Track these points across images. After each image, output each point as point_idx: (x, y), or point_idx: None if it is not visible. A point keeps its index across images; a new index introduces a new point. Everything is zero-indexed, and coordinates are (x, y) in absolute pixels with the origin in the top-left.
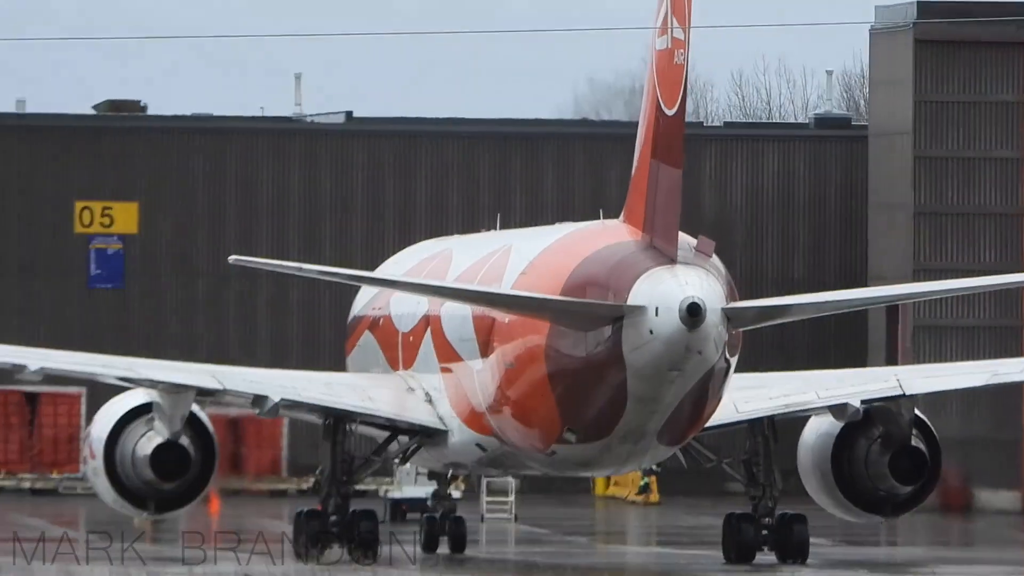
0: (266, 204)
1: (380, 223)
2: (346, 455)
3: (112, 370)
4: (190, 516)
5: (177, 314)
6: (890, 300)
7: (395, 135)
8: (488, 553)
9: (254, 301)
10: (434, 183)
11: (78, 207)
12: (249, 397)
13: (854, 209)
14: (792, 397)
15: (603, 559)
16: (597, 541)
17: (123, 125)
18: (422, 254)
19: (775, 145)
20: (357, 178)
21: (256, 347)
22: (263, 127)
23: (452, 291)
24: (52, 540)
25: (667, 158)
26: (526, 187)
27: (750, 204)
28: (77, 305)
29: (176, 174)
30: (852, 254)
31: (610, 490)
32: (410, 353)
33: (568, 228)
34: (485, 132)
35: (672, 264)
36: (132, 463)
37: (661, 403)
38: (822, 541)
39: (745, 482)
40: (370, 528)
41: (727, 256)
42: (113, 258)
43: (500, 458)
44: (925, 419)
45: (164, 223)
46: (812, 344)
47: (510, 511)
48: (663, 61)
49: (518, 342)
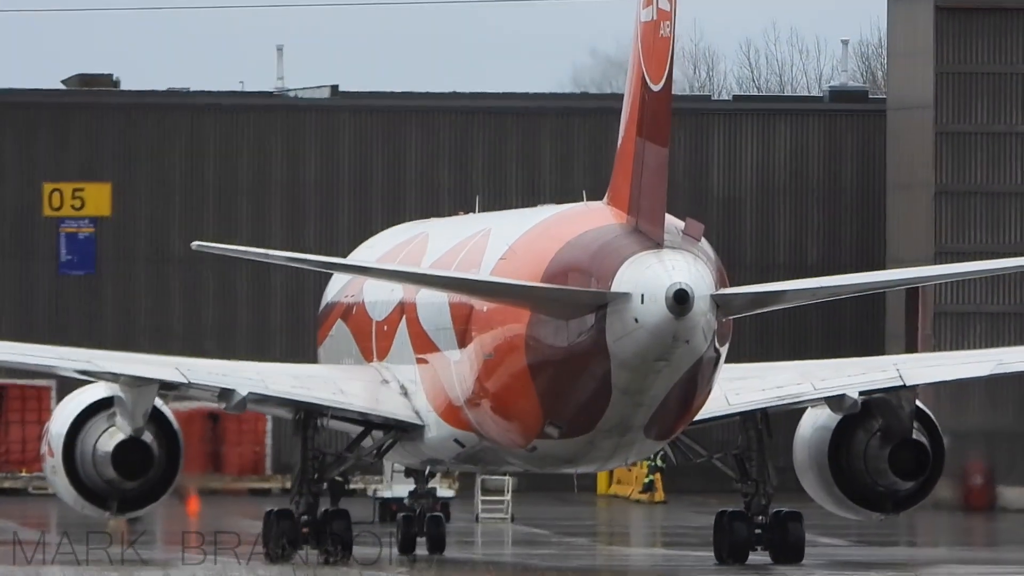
0: (247, 184)
1: (368, 203)
2: (317, 451)
3: (70, 362)
4: (167, 517)
5: (151, 302)
6: (893, 285)
7: (384, 111)
8: (484, 555)
9: (233, 288)
10: (425, 161)
11: (47, 189)
12: (215, 391)
13: (871, 188)
14: (786, 388)
15: (592, 561)
16: (598, 542)
17: (94, 101)
18: (397, 238)
19: (787, 120)
20: (343, 156)
21: (235, 337)
22: (243, 102)
23: (427, 278)
24: (27, 543)
25: (653, 136)
26: (523, 165)
27: (761, 183)
28: (45, 292)
29: (151, 153)
30: (869, 237)
31: (612, 488)
32: (384, 343)
33: (550, 211)
34: (479, 107)
35: (658, 248)
36: (93, 461)
37: (647, 395)
38: (837, 542)
39: (737, 478)
40: (343, 528)
41: (736, 239)
42: (84, 242)
43: (479, 454)
44: (927, 411)
45: (138, 205)
46: (827, 332)
47: (506, 511)
48: (648, 34)
49: (497, 331)
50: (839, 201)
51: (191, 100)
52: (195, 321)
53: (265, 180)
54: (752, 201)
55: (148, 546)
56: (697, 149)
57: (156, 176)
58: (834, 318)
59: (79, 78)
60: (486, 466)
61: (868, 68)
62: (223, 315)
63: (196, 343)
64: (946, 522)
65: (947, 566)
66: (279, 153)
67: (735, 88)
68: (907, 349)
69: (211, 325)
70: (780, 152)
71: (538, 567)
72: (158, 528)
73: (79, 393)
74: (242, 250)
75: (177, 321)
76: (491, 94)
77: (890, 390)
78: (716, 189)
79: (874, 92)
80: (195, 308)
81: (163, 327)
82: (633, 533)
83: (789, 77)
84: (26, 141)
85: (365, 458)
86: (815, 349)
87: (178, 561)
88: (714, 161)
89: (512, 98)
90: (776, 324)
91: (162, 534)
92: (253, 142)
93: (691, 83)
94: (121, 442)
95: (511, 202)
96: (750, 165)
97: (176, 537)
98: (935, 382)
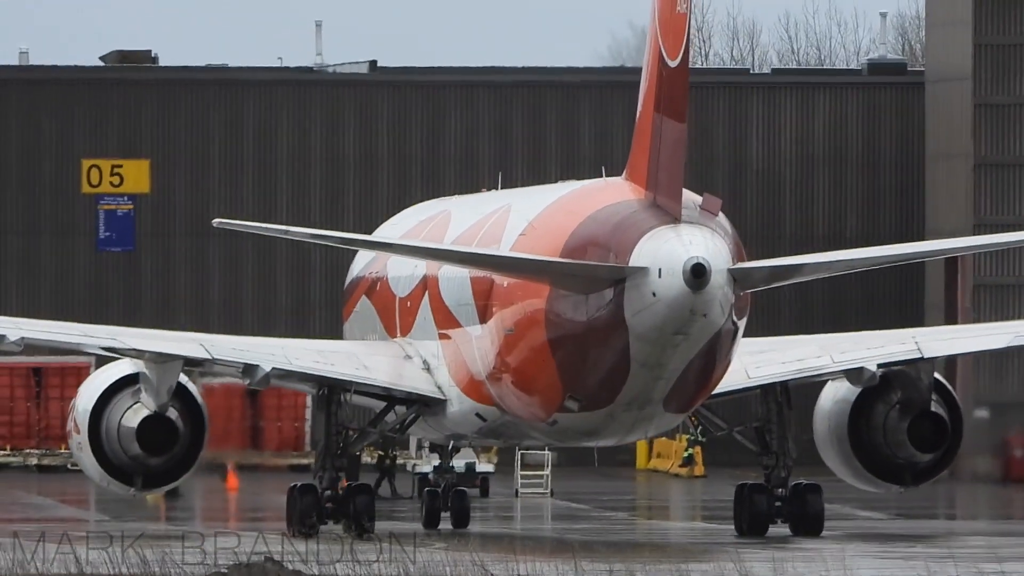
0: (286, 160)
1: (407, 179)
2: (340, 426)
3: (94, 339)
4: (207, 492)
5: (190, 278)
6: (920, 256)
7: (422, 86)
8: (523, 530)
9: (273, 263)
10: (464, 136)
11: (85, 165)
12: (239, 367)
13: (910, 161)
14: (806, 362)
15: (619, 536)
16: (637, 516)
17: (133, 77)
18: (420, 215)
19: (826, 93)
20: (382, 132)
21: (275, 313)
22: (282, 78)
23: (449, 254)
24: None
25: (671, 111)
26: (562, 139)
27: (800, 156)
28: (84, 269)
29: (190, 129)
30: (909, 209)
31: (652, 463)
32: (407, 319)
33: (569, 186)
34: (518, 81)
35: (676, 223)
36: (118, 437)
37: (666, 369)
38: (876, 515)
39: (758, 451)
40: (366, 503)
41: (775, 212)
42: (123, 219)
43: (501, 428)
44: (946, 383)
45: (177, 182)
46: (866, 305)
47: (546, 485)
48: (665, 10)
49: (517, 306)
50: (878, 174)
51: (230, 76)
52: (234, 297)
53: (304, 156)
54: (791, 174)
55: (188, 522)
56: (736, 123)
57: (195, 152)
58: (874, 290)
59: (118, 54)
60: (508, 440)
61: (906, 41)
62: (263, 291)
63: (235, 319)
64: (986, 494)
65: (972, 538)
66: (318, 129)
67: (774, 61)
68: (947, 321)
69: (250, 301)
70: (819, 125)
71: (571, 541)
72: (197, 504)
73: (105, 370)
74: (262, 226)
75: (216, 297)
76: (530, 68)
77: (908, 362)
78: (755, 162)
79: (912, 64)
80: (234, 284)
81: (202, 303)
82: (672, 507)
83: (828, 50)
84: (65, 118)
85: (388, 432)
86: (854, 321)
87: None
88: (753, 134)
89: (551, 72)
90: (816, 296)
91: (202, 510)
92: (292, 118)
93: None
94: (146, 418)
95: (550, 176)
96: (789, 138)
97: (215, 513)
98: (954, 354)
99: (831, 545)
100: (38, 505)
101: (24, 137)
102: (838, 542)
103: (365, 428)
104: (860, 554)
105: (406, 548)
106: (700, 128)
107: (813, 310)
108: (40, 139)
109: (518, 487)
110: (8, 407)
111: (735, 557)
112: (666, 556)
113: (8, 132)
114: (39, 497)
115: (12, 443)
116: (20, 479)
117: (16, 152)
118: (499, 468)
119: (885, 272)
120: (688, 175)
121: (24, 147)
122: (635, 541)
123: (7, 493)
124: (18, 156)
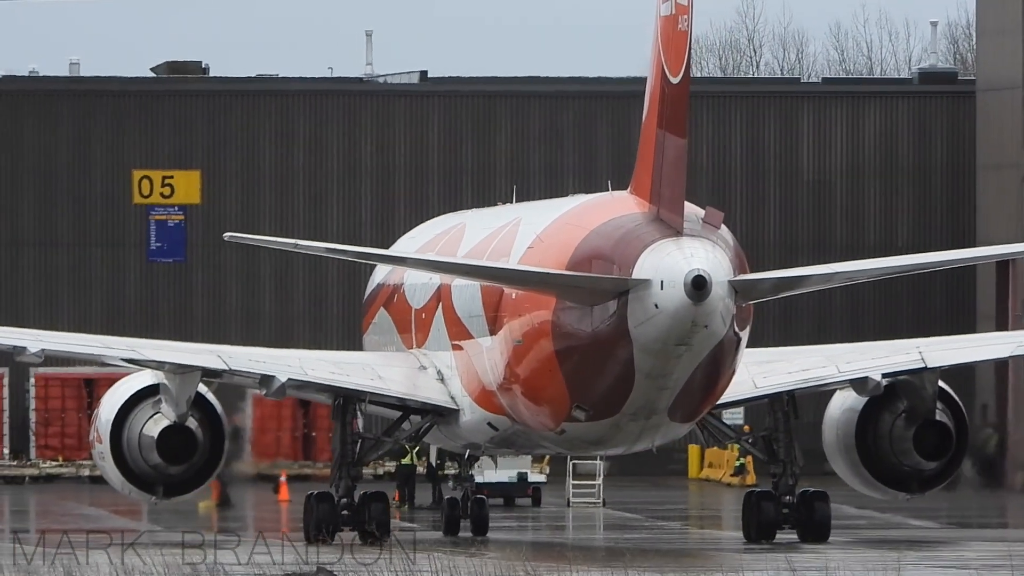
0: (336, 171)
1: (457, 189)
2: (356, 436)
3: (114, 351)
4: (259, 503)
5: (241, 289)
6: (914, 269)
7: (473, 96)
8: (575, 539)
9: (324, 274)
10: (515, 146)
11: (136, 176)
12: (256, 377)
13: (961, 170)
14: (812, 371)
15: (669, 544)
16: (689, 526)
17: (183, 88)
18: (436, 229)
19: (876, 102)
20: (433, 142)
21: (326, 323)
22: (332, 88)
23: (458, 267)
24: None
25: (672, 127)
26: (613, 149)
27: (850, 166)
28: (135, 280)
29: (240, 140)
30: (960, 218)
31: (704, 472)
32: (423, 330)
33: (577, 200)
34: (569, 92)
35: (678, 236)
36: (139, 446)
37: (670, 379)
38: (930, 524)
39: (765, 459)
40: (381, 511)
41: (826, 221)
42: (174, 230)
43: (512, 437)
44: (951, 392)
45: (228, 192)
46: (917, 312)
47: (598, 495)
48: (667, 27)
49: (525, 318)
50: (929, 183)
51: (280, 87)
52: (286, 308)
53: (354, 166)
54: (842, 183)
55: (241, 532)
56: (787, 132)
57: (245, 163)
58: (925, 297)
59: (168, 65)
60: (520, 449)
61: (957, 49)
62: (313, 303)
63: (286, 330)
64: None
65: (984, 544)
66: (368, 139)
67: (824, 71)
68: (998, 328)
69: (301, 312)
70: (869, 134)
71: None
72: (249, 514)
73: (126, 381)
74: (273, 240)
75: (267, 308)
76: (580, 78)
77: (912, 372)
78: (806, 172)
79: (963, 74)
80: (286, 295)
81: (253, 314)
82: (724, 516)
83: (878, 59)
84: (116, 129)
85: (402, 442)
86: (905, 328)
87: None
88: (804, 144)
89: (602, 83)
90: (866, 303)
91: (253, 520)
92: (342, 128)
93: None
94: (166, 428)
95: (602, 185)
96: (840, 147)
97: (268, 524)
98: (956, 364)
99: (888, 553)
100: (90, 516)
101: (75, 148)
102: (842, 547)
103: (380, 437)
104: (912, 562)
105: (455, 556)
106: (751, 138)
107: (865, 318)
108: (91, 150)
109: (570, 497)
110: (60, 418)
111: (787, 565)
112: (717, 565)
113: (59, 143)
114: (91, 508)
115: (64, 454)
116: (72, 490)
117: (67, 163)
118: (551, 478)
119: (937, 279)
120: (739, 185)
121: (75, 158)
122: (687, 550)
123: (59, 504)
124: (69, 167)
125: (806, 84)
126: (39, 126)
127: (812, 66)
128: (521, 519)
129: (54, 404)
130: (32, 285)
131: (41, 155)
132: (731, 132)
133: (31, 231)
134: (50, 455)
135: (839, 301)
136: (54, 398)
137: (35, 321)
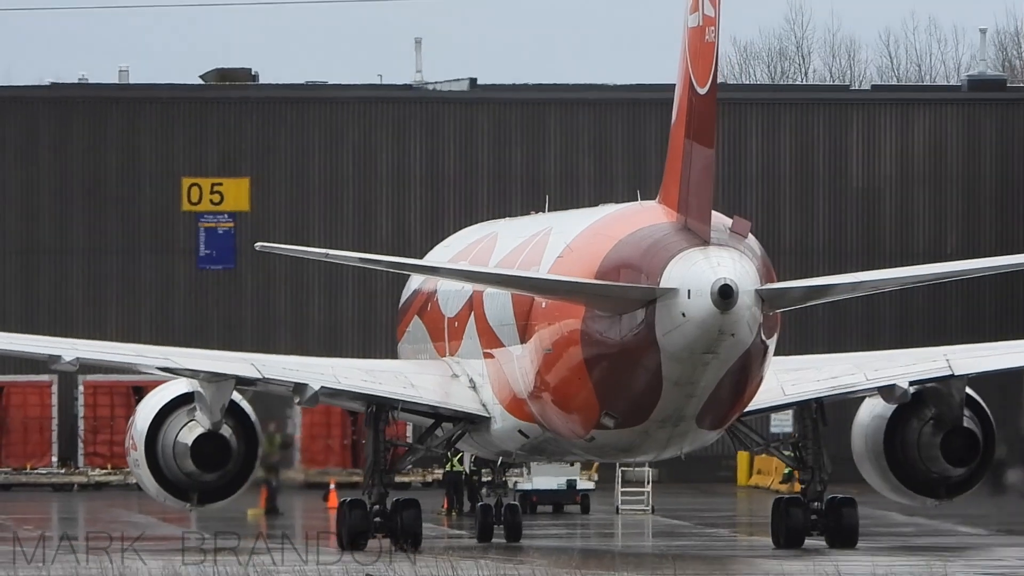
0: (386, 178)
1: (506, 196)
2: (388, 444)
3: (148, 359)
4: (307, 510)
5: (290, 295)
6: (928, 279)
7: (522, 103)
8: (624, 547)
9: (373, 282)
10: (564, 153)
11: (185, 184)
12: (289, 386)
13: (1011, 177)
14: (840, 379)
15: (718, 552)
16: (738, 532)
17: (232, 95)
18: (470, 238)
19: (926, 109)
20: (482, 149)
21: (375, 330)
22: (382, 95)
23: (489, 276)
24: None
25: (700, 138)
26: (663, 155)
27: (900, 173)
28: (184, 287)
29: (289, 147)
30: (1009, 225)
31: (753, 479)
32: (455, 338)
33: (606, 210)
34: (618, 99)
35: (705, 246)
36: (174, 454)
37: (697, 387)
38: (979, 530)
39: (794, 466)
40: (413, 518)
41: (876, 228)
42: (223, 237)
43: (542, 444)
44: (978, 399)
45: (277, 199)
46: (967, 319)
47: (647, 502)
48: (695, 39)
49: (555, 327)
50: (978, 190)
51: (329, 94)
52: (335, 315)
53: (404, 173)
54: (891, 190)
55: (288, 540)
56: (836, 139)
57: (294, 170)
58: (974, 306)
59: (217, 73)
60: (550, 456)
61: (1006, 57)
62: (363, 309)
63: (335, 337)
64: None
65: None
66: (417, 146)
67: (874, 78)
68: None
69: (350, 319)
70: (919, 142)
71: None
72: (298, 522)
73: (161, 389)
74: (298, 249)
75: (316, 315)
76: (629, 86)
77: (940, 379)
78: (855, 179)
79: (1012, 81)
80: (335, 302)
81: (302, 321)
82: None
83: (928, 66)
84: (165, 136)
85: (434, 449)
86: (956, 336)
87: None
88: (853, 151)
89: (649, 89)
90: (916, 310)
91: (302, 528)
92: (392, 136)
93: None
94: (200, 436)
95: (651, 191)
96: (889, 155)
97: (313, 532)
98: (983, 371)
99: (935, 561)
100: (138, 523)
101: (124, 156)
102: (871, 554)
103: (413, 445)
104: (961, 570)
105: (504, 565)
106: (800, 145)
107: (913, 324)
108: (140, 158)
109: (619, 504)
110: (108, 426)
111: (835, 570)
112: (764, 572)
113: (108, 151)
114: (140, 515)
115: (113, 462)
116: (121, 497)
117: (116, 171)
118: (600, 485)
119: (987, 287)
120: (788, 192)
121: (124, 166)
122: (735, 556)
123: (107, 511)
124: (118, 175)
125: (855, 91)
126: (88, 133)
127: (864, 73)
128: (570, 526)
129: (103, 412)
130: (81, 293)
131: (90, 162)
132: (780, 139)
133: (80, 238)
134: (99, 463)
135: (888, 308)
136: (103, 406)
137: (84, 329)
